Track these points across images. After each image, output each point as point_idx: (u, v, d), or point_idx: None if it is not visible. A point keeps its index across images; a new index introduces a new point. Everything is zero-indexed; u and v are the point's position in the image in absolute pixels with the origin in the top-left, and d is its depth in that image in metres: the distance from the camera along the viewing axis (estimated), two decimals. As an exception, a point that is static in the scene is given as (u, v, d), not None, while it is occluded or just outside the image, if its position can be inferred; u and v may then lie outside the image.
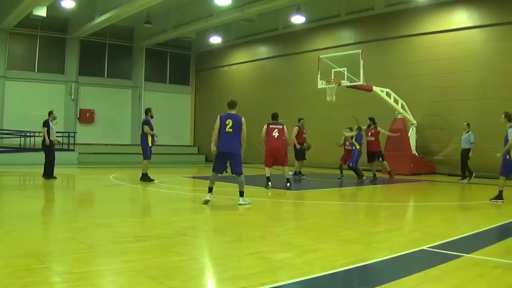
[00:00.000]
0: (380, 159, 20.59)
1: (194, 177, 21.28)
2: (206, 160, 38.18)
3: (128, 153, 33.25)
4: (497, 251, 7.38)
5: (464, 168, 20.23)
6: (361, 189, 17.80)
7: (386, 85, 24.18)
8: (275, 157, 16.45)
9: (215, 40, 36.31)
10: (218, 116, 12.39)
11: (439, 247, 7.49)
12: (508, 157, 13.15)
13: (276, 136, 16.31)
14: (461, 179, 20.15)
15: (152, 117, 18.09)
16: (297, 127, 21.01)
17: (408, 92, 25.31)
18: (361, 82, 22.14)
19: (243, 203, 11.92)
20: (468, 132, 20.07)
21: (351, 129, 19.78)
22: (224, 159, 12.11)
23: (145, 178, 17.74)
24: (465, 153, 19.97)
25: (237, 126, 12.14)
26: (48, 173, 18.27)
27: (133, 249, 6.98)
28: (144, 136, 17.87)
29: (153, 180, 17.70)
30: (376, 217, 11.15)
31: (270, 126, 16.52)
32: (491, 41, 24.04)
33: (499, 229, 9.74)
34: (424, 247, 7.39)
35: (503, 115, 13.75)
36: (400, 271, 6.28)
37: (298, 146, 20.37)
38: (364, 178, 19.31)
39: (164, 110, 37.24)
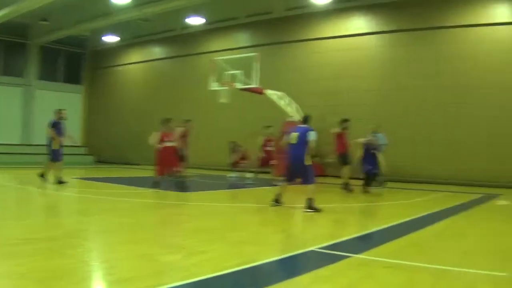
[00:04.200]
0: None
1: (84, 178, 20.94)
2: (97, 161, 37.55)
3: (17, 153, 32.24)
4: (386, 252, 7.61)
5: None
6: (251, 191, 17.96)
7: (281, 88, 24.42)
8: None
9: (111, 39, 35.77)
10: None
11: (329, 248, 7.66)
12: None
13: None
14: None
15: (62, 119, 17.39)
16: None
17: (302, 96, 25.68)
18: (254, 85, 22.31)
19: None
20: (378, 134, 19.30)
21: None
22: None
23: (41, 176, 17.16)
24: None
25: None
26: None
27: (21, 251, 6.76)
28: (50, 137, 17.11)
29: (46, 180, 17.03)
30: (266, 219, 11.27)
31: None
32: (387, 47, 24.99)
33: (388, 230, 10.04)
34: (314, 248, 7.51)
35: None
36: (290, 272, 6.40)
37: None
38: None
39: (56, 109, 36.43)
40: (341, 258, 6.99)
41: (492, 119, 22.13)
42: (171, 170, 16.22)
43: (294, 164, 12.38)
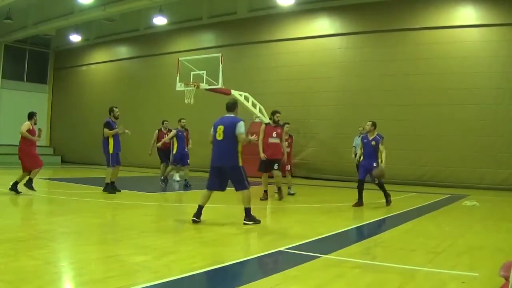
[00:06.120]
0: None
1: (49, 179, 20.68)
2: (62, 161, 37.19)
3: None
4: (355, 252, 7.66)
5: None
6: (214, 192, 17.89)
7: (246, 89, 24.53)
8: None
9: (75, 38, 35.39)
10: None
11: (296, 248, 7.65)
12: None
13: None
14: None
15: (116, 118, 15.85)
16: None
17: (267, 97, 25.79)
18: (220, 86, 22.31)
19: None
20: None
21: None
22: None
23: (107, 188, 15.35)
24: None
25: None
26: None
27: (-13, 253, 6.65)
28: (105, 140, 15.69)
29: (119, 191, 15.48)
30: (233, 219, 11.23)
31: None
32: (351, 49, 25.19)
33: (356, 230, 10.14)
34: (282, 248, 7.51)
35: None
36: (258, 272, 6.43)
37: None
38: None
39: (20, 109, 35.88)
40: (310, 258, 6.98)
41: (458, 119, 22.39)
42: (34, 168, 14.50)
43: (222, 167, 10.06)
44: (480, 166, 21.96)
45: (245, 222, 9.95)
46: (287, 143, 16.46)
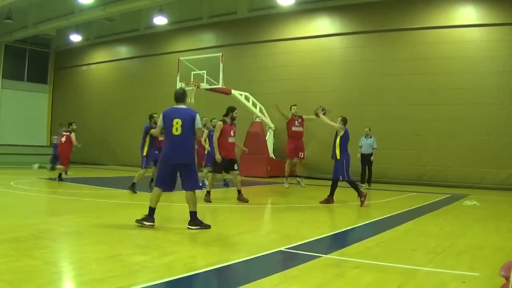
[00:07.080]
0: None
1: (49, 179, 20.67)
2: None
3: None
4: (355, 252, 7.61)
5: (365, 173, 20.90)
6: (217, 191, 17.87)
7: (246, 89, 24.54)
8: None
9: (76, 38, 35.40)
10: None
11: (297, 248, 7.65)
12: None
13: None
14: (362, 183, 20.56)
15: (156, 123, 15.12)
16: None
17: (267, 96, 25.77)
18: (220, 85, 22.31)
19: None
20: (371, 137, 20.86)
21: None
22: None
23: (132, 187, 15.49)
24: (368, 158, 20.73)
25: None
26: None
27: (-13, 253, 6.63)
28: (142, 143, 16.00)
29: (136, 192, 15.31)
30: (234, 219, 11.22)
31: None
32: (351, 48, 25.20)
33: (356, 230, 10.10)
34: (282, 248, 7.51)
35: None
36: (259, 272, 6.37)
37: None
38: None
39: (21, 109, 36.07)
40: (310, 258, 6.98)
41: (458, 119, 22.38)
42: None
43: (179, 164, 9.24)
44: (480, 166, 21.97)
45: (189, 226, 9.20)
46: (298, 122, 17.53)
